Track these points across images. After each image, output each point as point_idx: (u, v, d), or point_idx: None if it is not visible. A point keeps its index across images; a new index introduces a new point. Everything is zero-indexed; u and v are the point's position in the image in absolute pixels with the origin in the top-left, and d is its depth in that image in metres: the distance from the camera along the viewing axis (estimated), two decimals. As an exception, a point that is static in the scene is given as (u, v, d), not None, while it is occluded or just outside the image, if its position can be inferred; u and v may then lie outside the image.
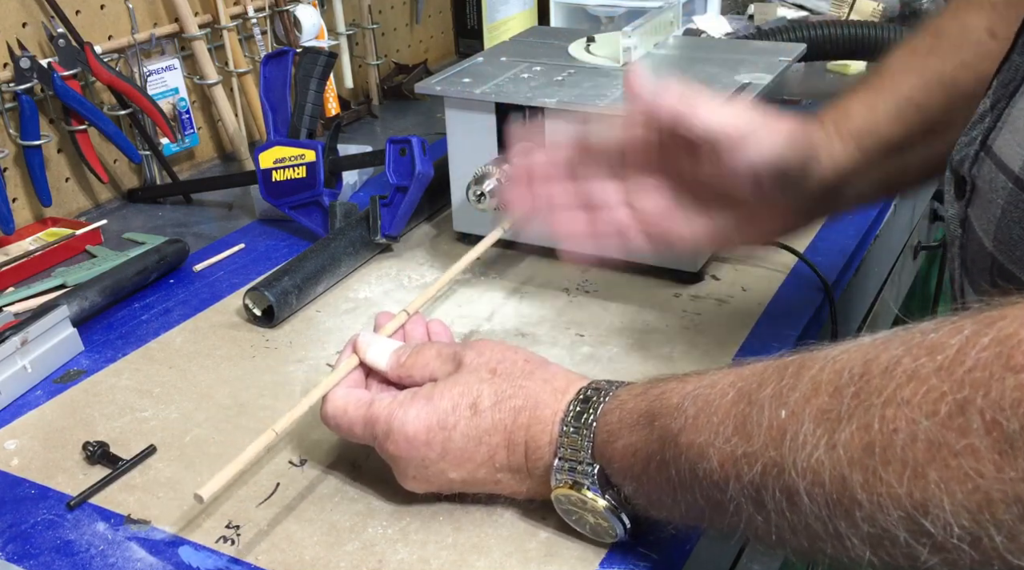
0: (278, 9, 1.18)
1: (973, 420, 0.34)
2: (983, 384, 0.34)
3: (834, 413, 0.38)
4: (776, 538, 0.42)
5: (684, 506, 0.47)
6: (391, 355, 0.59)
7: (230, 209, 1.05)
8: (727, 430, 0.43)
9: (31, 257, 0.90)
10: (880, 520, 0.37)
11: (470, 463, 0.53)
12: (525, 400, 0.53)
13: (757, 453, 0.41)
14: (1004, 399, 0.33)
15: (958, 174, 0.50)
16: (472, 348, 0.57)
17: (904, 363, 0.37)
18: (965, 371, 0.35)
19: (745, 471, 0.42)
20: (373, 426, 0.55)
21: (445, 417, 0.53)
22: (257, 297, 0.78)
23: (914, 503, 0.36)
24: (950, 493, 0.35)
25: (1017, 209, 0.45)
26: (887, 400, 0.37)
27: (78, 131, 0.99)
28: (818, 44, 1.14)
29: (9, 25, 0.94)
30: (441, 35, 1.55)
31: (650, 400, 0.49)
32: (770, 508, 0.41)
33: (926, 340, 0.37)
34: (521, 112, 0.83)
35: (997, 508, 0.34)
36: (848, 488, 0.38)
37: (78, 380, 0.72)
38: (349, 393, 0.57)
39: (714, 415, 0.44)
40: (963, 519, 0.35)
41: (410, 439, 0.53)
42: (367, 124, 1.31)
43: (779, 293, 0.80)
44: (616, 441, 0.49)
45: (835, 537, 0.39)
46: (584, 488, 0.50)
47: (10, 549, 0.56)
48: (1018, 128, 0.46)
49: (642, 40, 0.89)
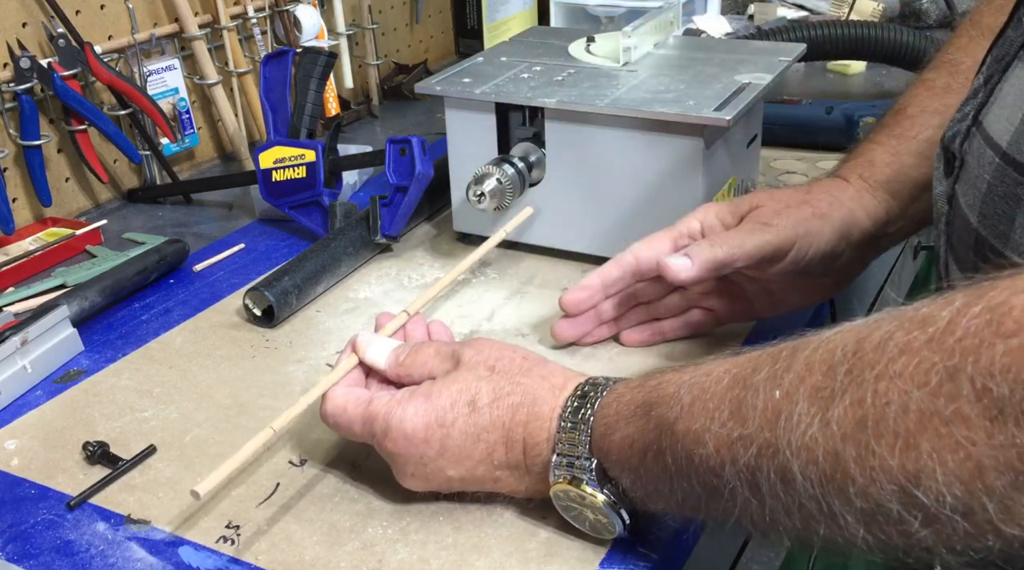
0: (278, 9, 1.18)
1: (963, 387, 0.34)
2: (973, 351, 0.34)
3: (828, 391, 0.39)
4: (770, 521, 0.42)
5: (681, 495, 0.47)
6: (390, 354, 0.59)
7: (230, 209, 1.05)
8: (722, 415, 0.43)
9: (31, 257, 0.90)
10: (873, 494, 0.37)
11: (468, 460, 0.54)
12: (523, 397, 0.53)
13: (752, 435, 0.41)
14: (994, 365, 0.33)
15: (948, 151, 0.51)
16: (470, 346, 0.57)
17: (896, 337, 0.37)
18: (956, 340, 0.35)
19: (741, 454, 0.42)
20: (372, 424, 0.55)
21: (443, 414, 0.53)
22: (257, 297, 0.78)
23: (907, 474, 0.36)
24: (942, 462, 0.35)
25: (1003, 184, 0.45)
26: (879, 374, 0.37)
27: (78, 131, 0.99)
28: (818, 44, 1.14)
29: (9, 25, 0.94)
30: (441, 35, 1.55)
31: (647, 391, 0.49)
32: (765, 491, 0.41)
33: (918, 314, 0.37)
34: (521, 112, 0.84)
35: (988, 475, 0.34)
36: (842, 463, 0.38)
37: (78, 380, 0.72)
38: (348, 391, 0.57)
39: (709, 401, 0.44)
40: (955, 489, 0.35)
41: (409, 436, 0.53)
42: (367, 124, 1.31)
43: (779, 293, 0.79)
44: (613, 434, 0.49)
45: (829, 516, 0.39)
46: (583, 483, 0.51)
47: (10, 549, 0.56)
48: (1007, 103, 0.46)
49: (642, 40, 0.89)
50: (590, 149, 0.80)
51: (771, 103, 1.09)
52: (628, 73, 0.85)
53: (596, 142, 0.80)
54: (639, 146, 0.78)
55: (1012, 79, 0.47)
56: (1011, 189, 0.45)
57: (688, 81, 0.82)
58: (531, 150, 0.83)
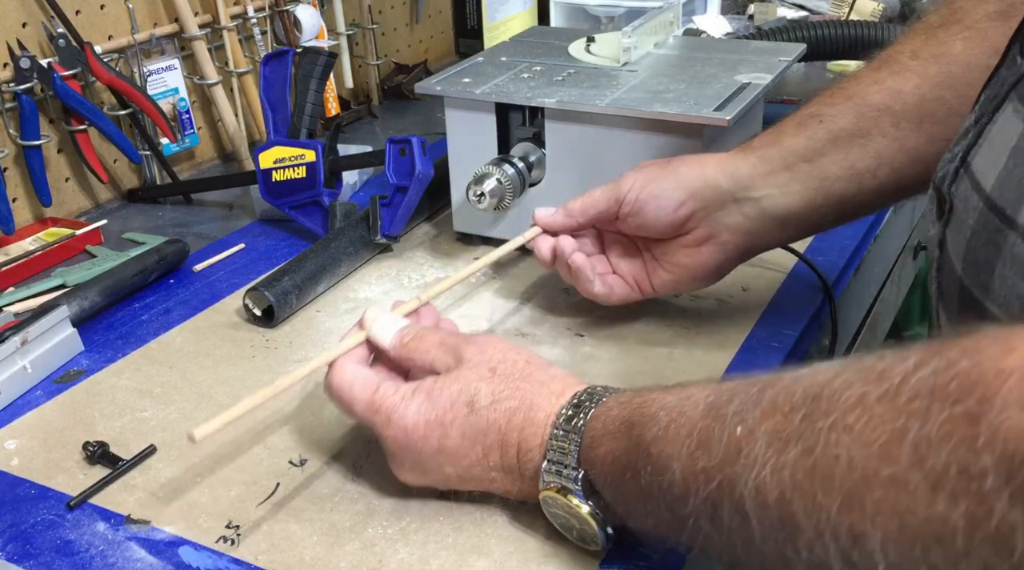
0: (278, 9, 1.18)
1: (904, 452, 0.33)
2: (919, 415, 0.33)
3: (785, 434, 0.38)
4: (731, 557, 0.42)
5: (653, 518, 0.47)
6: (395, 333, 0.59)
7: (230, 209, 1.05)
8: (691, 443, 0.43)
9: (31, 257, 0.90)
10: (819, 549, 0.36)
11: (465, 460, 0.54)
12: (520, 402, 0.53)
13: (715, 469, 0.41)
14: (933, 433, 0.32)
15: (939, 192, 0.49)
16: (474, 344, 0.57)
17: (854, 388, 0.36)
18: (904, 401, 0.34)
19: (703, 486, 0.41)
20: (374, 413, 0.55)
21: (443, 414, 0.54)
22: (257, 297, 0.78)
23: (849, 533, 0.35)
24: (882, 526, 0.34)
25: (985, 230, 0.43)
26: (832, 424, 0.36)
27: (78, 131, 0.99)
28: (818, 44, 1.14)
29: (9, 25, 0.94)
30: (441, 35, 1.55)
31: (632, 408, 0.49)
32: (725, 526, 0.41)
33: (877, 367, 0.36)
34: (521, 112, 0.84)
35: (923, 546, 0.32)
36: (792, 512, 0.37)
37: (78, 380, 0.72)
38: (358, 371, 0.57)
39: (683, 427, 0.44)
40: (891, 555, 0.34)
41: (408, 432, 0.54)
42: (367, 124, 1.31)
43: (779, 293, 0.80)
44: (599, 447, 0.50)
45: (782, 562, 0.38)
46: (569, 493, 0.51)
47: (10, 549, 0.56)
48: (995, 145, 0.45)
49: (642, 40, 0.89)
50: (590, 149, 0.80)
51: (771, 103, 1.09)
52: (628, 73, 0.85)
53: (596, 142, 0.80)
54: (639, 146, 0.78)
55: (1001, 121, 0.45)
56: (992, 236, 0.43)
57: (688, 81, 0.82)
58: (531, 150, 0.83)
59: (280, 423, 0.66)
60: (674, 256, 0.70)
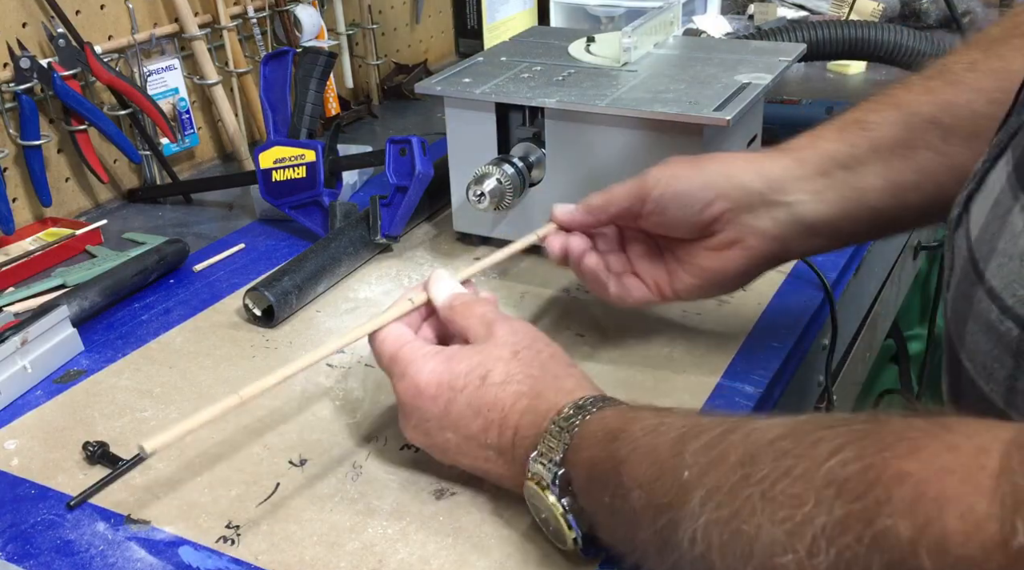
0: (278, 9, 1.18)
1: (807, 540, 0.33)
2: (827, 504, 0.33)
3: (723, 489, 0.38)
4: None
5: (617, 533, 0.48)
6: (449, 296, 0.61)
7: (230, 209, 1.05)
8: (652, 474, 0.43)
9: (31, 257, 0.90)
10: None
11: (465, 430, 0.55)
12: (529, 388, 0.55)
13: (666, 506, 0.41)
14: (831, 526, 0.32)
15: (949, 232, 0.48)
16: (509, 325, 0.58)
17: (790, 455, 0.36)
18: (820, 485, 0.33)
19: (655, 520, 0.42)
20: (393, 364, 0.57)
21: (455, 379, 0.55)
22: (257, 297, 0.78)
23: None
24: None
25: (965, 280, 0.43)
26: (762, 493, 0.36)
27: (78, 131, 0.99)
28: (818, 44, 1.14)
29: (9, 25, 0.94)
30: (441, 35, 1.55)
31: (621, 423, 0.49)
32: (670, 564, 0.41)
33: (811, 437, 0.36)
34: (521, 112, 0.84)
35: None
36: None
37: (78, 380, 0.72)
38: (399, 327, 0.60)
39: (649, 455, 0.44)
40: None
41: (420, 388, 0.56)
42: (367, 124, 1.31)
43: (779, 293, 0.80)
44: (583, 451, 0.50)
45: None
46: (546, 488, 0.51)
47: (10, 549, 0.56)
48: (987, 194, 0.43)
49: (642, 40, 0.89)
50: (590, 149, 0.80)
51: (771, 103, 1.09)
52: (628, 73, 0.85)
53: (596, 142, 0.80)
54: (639, 146, 0.78)
55: (998, 169, 0.44)
56: (968, 289, 0.42)
57: (688, 81, 0.82)
58: (531, 150, 0.83)
59: (280, 423, 0.66)
60: (698, 259, 0.66)
